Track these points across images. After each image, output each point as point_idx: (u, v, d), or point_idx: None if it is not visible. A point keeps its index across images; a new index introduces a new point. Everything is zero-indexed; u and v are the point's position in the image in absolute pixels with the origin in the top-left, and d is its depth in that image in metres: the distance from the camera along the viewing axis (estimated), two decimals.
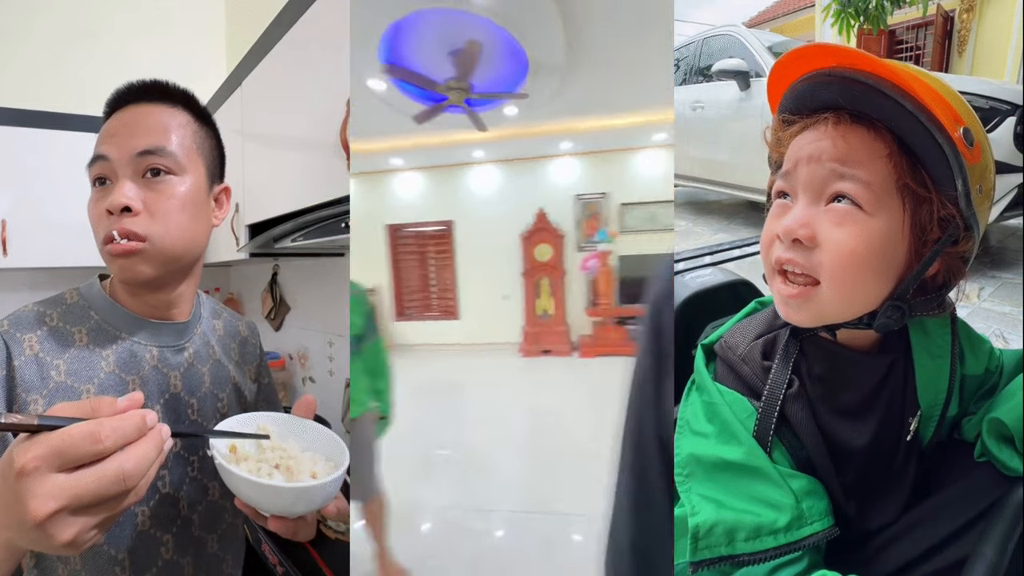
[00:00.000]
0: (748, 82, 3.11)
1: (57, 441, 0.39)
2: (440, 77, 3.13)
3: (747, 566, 0.45)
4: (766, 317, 0.56)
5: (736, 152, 3.23)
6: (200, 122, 0.78)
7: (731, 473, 0.47)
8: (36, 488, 0.38)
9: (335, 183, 1.20)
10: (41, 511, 0.38)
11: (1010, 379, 0.56)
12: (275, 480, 0.58)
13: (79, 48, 2.63)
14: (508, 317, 5.75)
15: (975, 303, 2.09)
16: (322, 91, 1.26)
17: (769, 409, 0.49)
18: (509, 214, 5.68)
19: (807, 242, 0.45)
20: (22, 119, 2.18)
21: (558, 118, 4.43)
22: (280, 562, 1.29)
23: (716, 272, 1.06)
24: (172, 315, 0.79)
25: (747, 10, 7.44)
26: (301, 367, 2.46)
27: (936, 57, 4.86)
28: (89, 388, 0.71)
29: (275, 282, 2.61)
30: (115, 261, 0.69)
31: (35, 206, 2.18)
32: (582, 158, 5.51)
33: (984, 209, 0.47)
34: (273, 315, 2.61)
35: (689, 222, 3.77)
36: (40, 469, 0.39)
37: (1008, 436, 0.49)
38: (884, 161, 0.44)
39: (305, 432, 0.68)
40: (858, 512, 0.51)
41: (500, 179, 5.78)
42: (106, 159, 0.69)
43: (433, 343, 6.00)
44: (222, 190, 0.81)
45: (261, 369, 0.97)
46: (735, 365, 0.53)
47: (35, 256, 2.20)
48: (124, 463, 0.41)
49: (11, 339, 0.68)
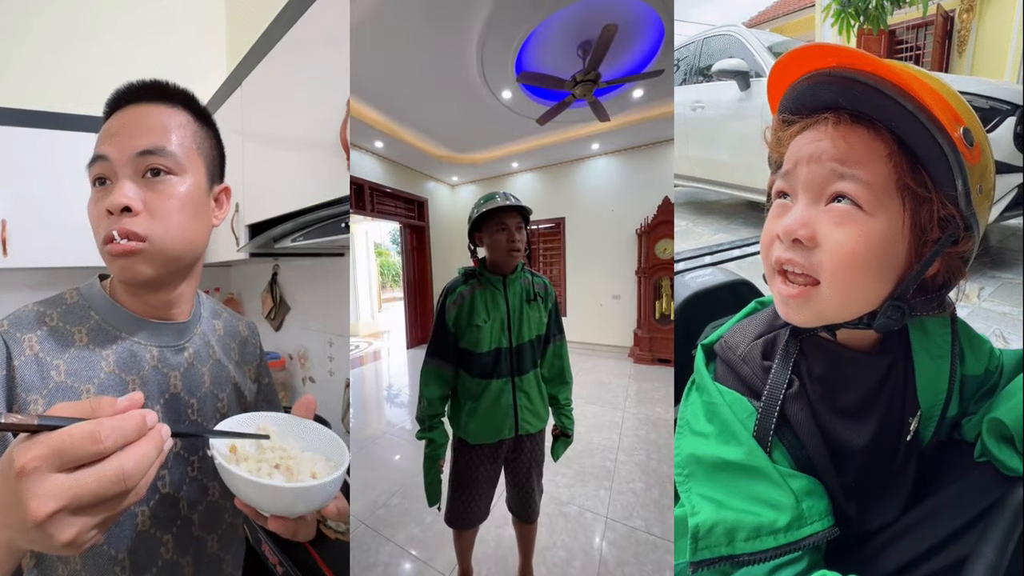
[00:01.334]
0: (748, 82, 3.11)
1: (57, 441, 0.39)
2: (568, 74, 3.14)
3: (747, 566, 0.45)
4: (766, 317, 0.56)
5: (736, 152, 3.23)
6: (200, 122, 0.77)
7: (731, 473, 0.47)
8: (36, 488, 0.38)
9: (335, 183, 1.20)
10: (41, 511, 0.38)
11: (1010, 379, 0.56)
12: (275, 480, 0.58)
13: (79, 48, 2.64)
14: (618, 319, 5.26)
15: (975, 303, 2.09)
16: (322, 91, 1.26)
17: (769, 409, 0.49)
18: (625, 208, 5.17)
19: (807, 242, 0.45)
20: (22, 119, 2.18)
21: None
22: (280, 562, 1.29)
23: (716, 272, 1.07)
24: (172, 315, 0.79)
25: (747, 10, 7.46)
26: (301, 367, 2.46)
27: (936, 57, 4.86)
28: (89, 388, 0.71)
29: (275, 282, 2.61)
30: (115, 261, 0.69)
31: (35, 206, 2.18)
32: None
33: (984, 209, 0.47)
34: (273, 315, 2.61)
35: (689, 222, 3.77)
36: (40, 469, 0.39)
37: (1008, 436, 0.49)
38: (884, 161, 0.44)
39: (305, 432, 0.68)
40: (858, 512, 0.51)
41: (615, 172, 5.33)
42: (106, 159, 0.69)
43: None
44: (222, 190, 0.81)
45: (261, 369, 0.97)
46: (735, 365, 0.53)
47: (35, 256, 2.20)
48: (124, 463, 0.41)
49: (11, 339, 0.68)
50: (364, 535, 1.96)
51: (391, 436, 3.08)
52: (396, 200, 5.39)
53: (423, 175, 5.79)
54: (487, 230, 1.31)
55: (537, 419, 1.39)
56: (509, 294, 1.33)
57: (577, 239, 5.63)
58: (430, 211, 5.95)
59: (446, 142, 4.99)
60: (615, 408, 3.43)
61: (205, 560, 0.81)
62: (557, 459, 1.48)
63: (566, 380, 1.46)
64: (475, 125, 4.47)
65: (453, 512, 1.42)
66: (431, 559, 1.79)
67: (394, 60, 3.16)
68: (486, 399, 1.32)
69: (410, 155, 5.11)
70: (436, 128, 4.57)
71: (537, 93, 3.75)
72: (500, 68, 3.30)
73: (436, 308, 1.35)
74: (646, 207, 4.90)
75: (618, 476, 2.41)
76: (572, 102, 3.37)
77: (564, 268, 5.71)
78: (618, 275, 5.23)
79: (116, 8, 2.73)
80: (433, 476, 1.35)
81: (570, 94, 3.27)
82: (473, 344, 1.31)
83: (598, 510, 2.10)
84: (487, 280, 1.33)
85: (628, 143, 5.06)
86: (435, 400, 1.33)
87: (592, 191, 5.48)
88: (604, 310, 5.42)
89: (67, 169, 2.21)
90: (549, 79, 3.05)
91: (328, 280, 2.25)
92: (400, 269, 6.32)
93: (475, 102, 3.88)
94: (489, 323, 1.30)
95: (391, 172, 5.25)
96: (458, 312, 1.30)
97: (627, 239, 5.13)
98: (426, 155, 5.15)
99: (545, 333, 1.42)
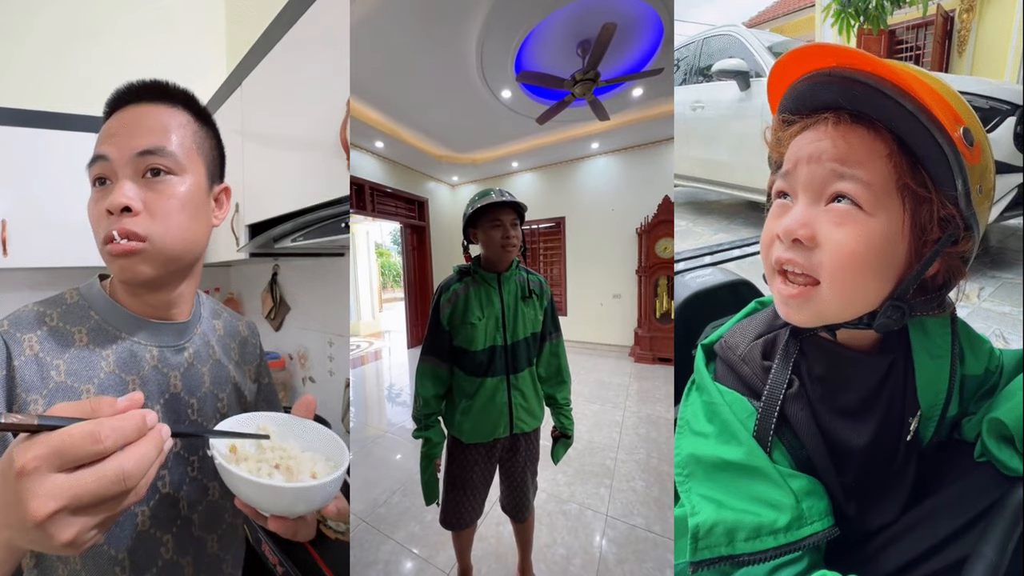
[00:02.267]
0: (748, 82, 3.11)
1: (57, 441, 0.39)
2: (567, 73, 3.13)
3: (747, 566, 0.45)
4: (766, 317, 0.56)
5: (736, 152, 3.23)
6: (200, 122, 0.77)
7: (731, 473, 0.47)
8: (36, 488, 0.38)
9: (335, 183, 1.20)
10: (41, 511, 0.38)
11: (1010, 379, 0.56)
12: (275, 480, 0.58)
13: (79, 48, 2.64)
14: (619, 318, 5.24)
15: (975, 303, 2.09)
16: (322, 91, 1.26)
17: (769, 409, 0.49)
18: (626, 207, 5.14)
19: (807, 242, 0.45)
20: (22, 119, 2.18)
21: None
22: (280, 562, 1.29)
23: (716, 272, 1.07)
24: (172, 315, 0.79)
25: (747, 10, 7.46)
26: (301, 367, 2.46)
27: (936, 57, 4.86)
28: (89, 388, 0.71)
29: (275, 282, 2.61)
30: (115, 261, 0.69)
31: (35, 206, 2.18)
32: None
33: (984, 209, 0.47)
34: (273, 315, 2.61)
35: (689, 222, 3.77)
36: (40, 469, 0.39)
37: (1008, 436, 0.49)
38: (884, 161, 0.44)
39: (305, 432, 0.68)
40: (858, 512, 0.51)
41: (615, 171, 5.31)
42: (106, 159, 0.69)
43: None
44: (222, 190, 0.81)
45: (261, 369, 0.97)
46: (735, 365, 0.53)
47: (35, 256, 2.20)
48: (124, 463, 0.41)
49: (11, 339, 0.68)
50: (364, 533, 1.97)
51: (392, 435, 3.08)
52: (397, 200, 5.37)
53: (423, 175, 5.77)
54: (482, 226, 1.30)
55: (532, 418, 1.38)
56: (504, 292, 1.32)
57: (577, 238, 5.62)
58: (430, 211, 5.93)
59: (446, 142, 4.98)
60: (615, 407, 3.43)
61: (205, 560, 0.81)
62: (557, 461, 1.47)
63: (564, 379, 1.45)
64: (475, 125, 4.47)
65: (447, 513, 1.42)
66: (431, 557, 1.79)
67: (394, 60, 3.16)
68: (480, 397, 1.31)
69: (410, 155, 5.10)
70: (436, 128, 4.57)
71: (537, 92, 3.74)
72: (499, 68, 3.30)
73: (431, 306, 1.33)
74: (646, 206, 4.88)
75: (618, 474, 2.41)
76: (572, 101, 3.37)
77: (564, 267, 5.70)
78: (618, 274, 5.22)
79: (116, 8, 2.73)
80: (430, 474, 1.34)
81: (569, 93, 3.27)
82: (467, 342, 1.30)
83: (598, 508, 2.10)
84: (481, 278, 1.32)
85: (628, 142, 5.06)
86: (430, 399, 1.32)
87: (592, 190, 5.47)
88: (604, 309, 5.40)
89: (67, 169, 2.21)
90: (548, 78, 3.05)
91: (328, 280, 2.25)
92: (401, 269, 6.30)
93: (475, 102, 3.88)
94: (483, 321, 1.29)
95: (391, 172, 5.23)
96: (452, 310, 1.29)
97: (627, 238, 5.12)
98: (426, 155, 5.15)
99: (541, 331, 1.40)
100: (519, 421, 1.35)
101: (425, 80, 3.48)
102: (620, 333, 5.23)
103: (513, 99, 3.86)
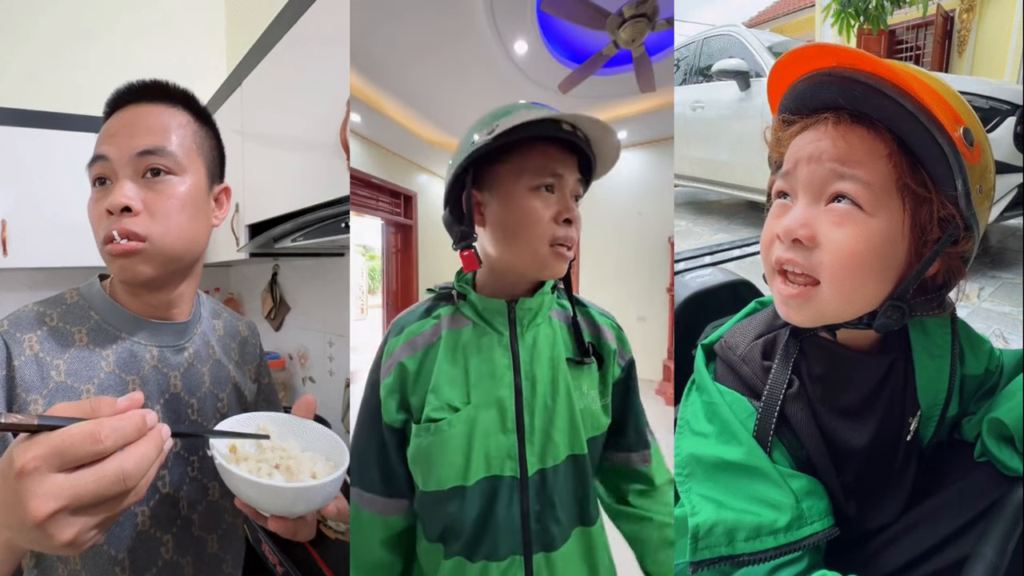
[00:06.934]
0: (748, 82, 3.11)
1: (57, 441, 0.39)
2: (613, 5, 2.17)
3: (747, 566, 0.45)
4: (766, 317, 0.56)
5: (736, 152, 3.23)
6: (200, 122, 0.77)
7: (731, 473, 0.47)
8: (36, 488, 0.38)
9: (335, 183, 1.20)
10: (41, 511, 0.38)
11: (1010, 379, 0.56)
12: (275, 480, 0.58)
13: (79, 48, 2.64)
14: (643, 346, 3.93)
15: (975, 303, 2.09)
16: (322, 91, 1.26)
17: (769, 409, 0.49)
18: (654, 211, 4.11)
19: (807, 242, 0.45)
20: (22, 119, 2.18)
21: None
22: (280, 562, 1.29)
23: (716, 272, 1.07)
24: (172, 315, 0.79)
25: (747, 10, 7.45)
26: (301, 367, 2.46)
27: (936, 57, 4.86)
28: (89, 388, 0.71)
29: (275, 282, 2.61)
30: (115, 261, 0.69)
31: (35, 206, 2.18)
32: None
33: (984, 209, 0.47)
34: (273, 315, 2.61)
35: (689, 222, 3.76)
36: (40, 469, 0.39)
37: (1008, 436, 0.49)
38: (884, 161, 0.44)
39: (305, 432, 0.68)
40: (858, 512, 0.51)
41: (643, 168, 4.30)
42: (106, 159, 0.69)
43: None
44: (222, 190, 0.81)
45: (261, 369, 0.97)
46: (735, 365, 0.53)
47: (35, 256, 2.20)
48: (124, 463, 0.41)
49: (11, 339, 0.68)
50: None
51: None
52: (378, 191, 4.18)
53: (412, 164, 4.64)
54: (504, 183, 0.63)
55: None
56: (521, 344, 0.65)
57: (592, 248, 4.54)
58: (418, 208, 4.74)
59: (441, 120, 3.92)
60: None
61: (205, 560, 0.81)
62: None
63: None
64: (479, 95, 3.40)
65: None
66: None
67: (387, 8, 2.49)
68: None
69: (396, 137, 3.98)
70: (429, 98, 3.55)
71: (562, 48, 2.82)
72: (515, 10, 2.52)
73: (369, 371, 0.68)
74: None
75: None
76: (612, 56, 2.36)
77: (577, 284, 5.17)
78: (644, 292, 4.13)
79: (116, 8, 2.73)
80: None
81: (611, 42, 2.29)
82: (432, 467, 0.62)
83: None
84: (474, 310, 0.66)
85: (661, 134, 3.92)
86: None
87: (613, 190, 4.31)
88: (626, 335, 4.87)
89: (67, 169, 2.20)
90: (585, 9, 2.10)
91: (328, 280, 2.25)
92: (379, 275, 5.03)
93: (481, 61, 2.99)
94: (470, 410, 0.62)
95: (371, 156, 4.03)
96: (403, 381, 0.65)
97: (656, 248, 4.03)
98: (416, 138, 4.12)
99: (610, 435, 0.72)
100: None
101: (417, 28, 2.58)
102: (645, 365, 4.33)
103: (529, 56, 2.95)
